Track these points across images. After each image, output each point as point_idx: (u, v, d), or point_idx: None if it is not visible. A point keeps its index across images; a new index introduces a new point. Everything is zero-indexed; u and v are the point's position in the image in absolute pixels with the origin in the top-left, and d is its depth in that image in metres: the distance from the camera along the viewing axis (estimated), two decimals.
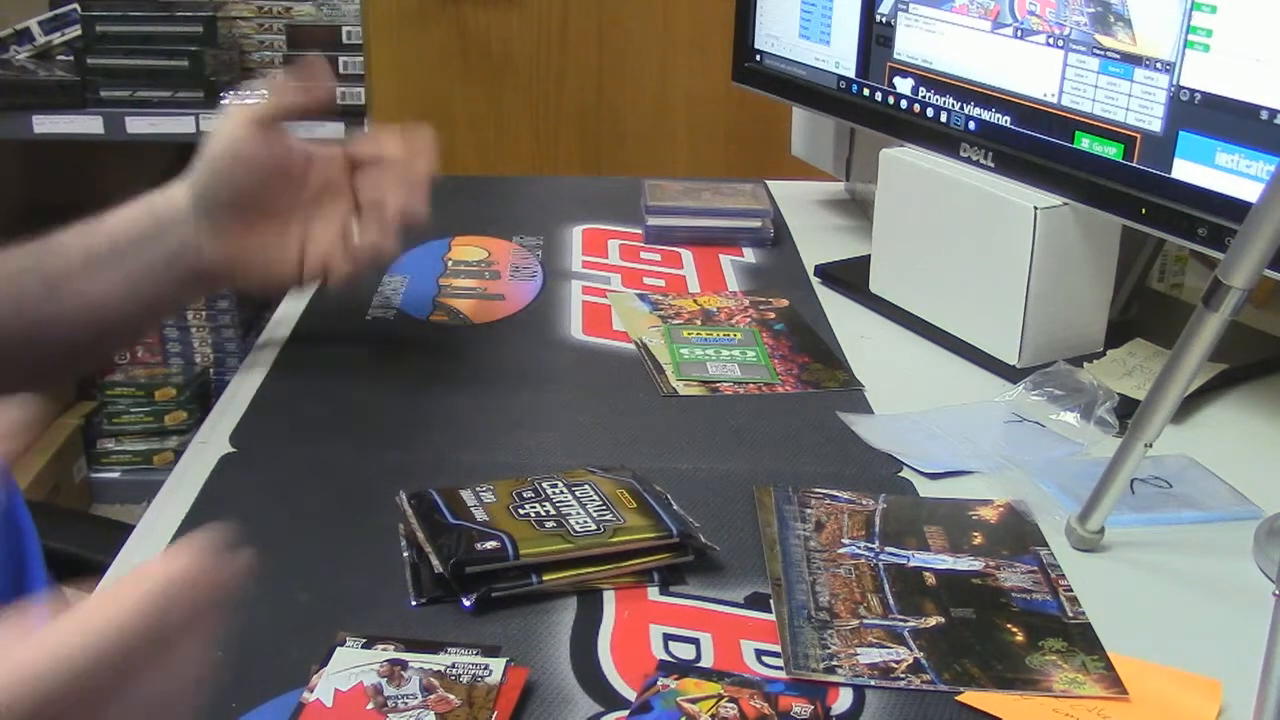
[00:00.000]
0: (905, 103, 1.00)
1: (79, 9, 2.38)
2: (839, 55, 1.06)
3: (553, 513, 0.66)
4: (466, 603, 0.61)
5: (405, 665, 0.56)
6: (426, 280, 1.04)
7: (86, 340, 0.79)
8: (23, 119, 2.31)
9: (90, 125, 2.34)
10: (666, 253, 1.13)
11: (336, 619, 0.61)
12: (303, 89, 0.79)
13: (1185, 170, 0.79)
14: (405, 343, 0.94)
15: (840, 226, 1.23)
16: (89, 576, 0.67)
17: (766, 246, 1.15)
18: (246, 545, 0.41)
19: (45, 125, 2.32)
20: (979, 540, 0.69)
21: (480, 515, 0.65)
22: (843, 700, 0.56)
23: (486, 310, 1.00)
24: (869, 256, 1.03)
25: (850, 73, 1.05)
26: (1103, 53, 0.83)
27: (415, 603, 0.62)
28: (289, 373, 0.89)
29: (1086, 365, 0.88)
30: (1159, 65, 0.80)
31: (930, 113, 0.98)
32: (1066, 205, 0.87)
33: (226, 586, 0.43)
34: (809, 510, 0.71)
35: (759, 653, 0.59)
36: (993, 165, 0.92)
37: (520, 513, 0.66)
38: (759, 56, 1.17)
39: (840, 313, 1.01)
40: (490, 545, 0.62)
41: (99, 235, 0.78)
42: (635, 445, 0.79)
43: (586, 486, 0.68)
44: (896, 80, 1.01)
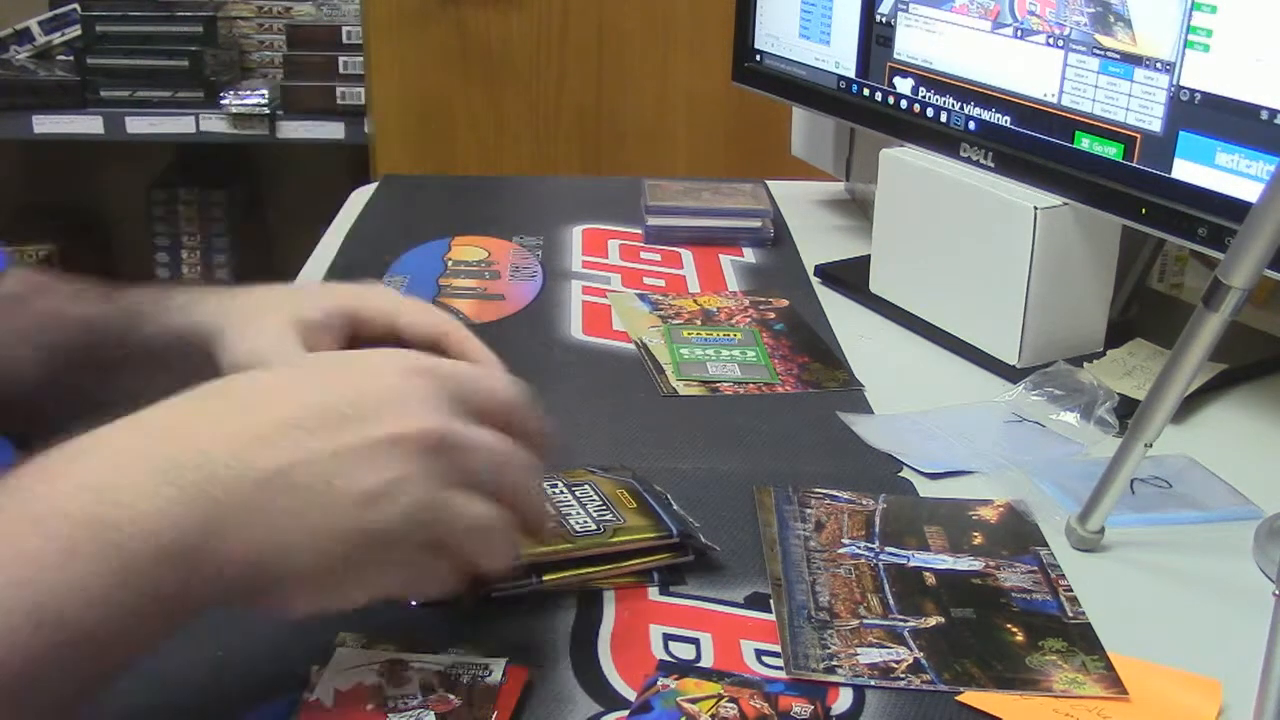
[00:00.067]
0: (905, 103, 1.00)
1: (79, 9, 2.38)
2: (839, 55, 1.06)
3: (552, 513, 0.66)
4: (467, 603, 0.61)
5: (405, 665, 0.56)
6: (426, 280, 1.04)
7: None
8: (23, 119, 2.31)
9: (90, 125, 2.34)
10: (666, 253, 1.13)
11: (336, 619, 0.60)
12: None
13: (1185, 170, 0.79)
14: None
15: (840, 226, 1.23)
16: None
17: (766, 246, 1.15)
18: None
19: (45, 125, 2.33)
20: (979, 540, 0.69)
21: None
22: (843, 700, 0.56)
23: (486, 310, 1.00)
24: (869, 256, 1.03)
25: (850, 73, 1.05)
26: (1103, 53, 0.83)
27: (415, 603, 0.62)
28: None
29: (1086, 365, 0.88)
30: (1159, 65, 0.80)
31: (930, 113, 0.98)
32: (1066, 205, 0.87)
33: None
34: (809, 510, 0.71)
35: (759, 653, 0.59)
36: (993, 165, 0.92)
37: None
38: (759, 56, 1.17)
39: (840, 313, 1.01)
40: None
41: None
42: (635, 445, 0.79)
43: (586, 486, 0.68)
44: (896, 80, 1.01)
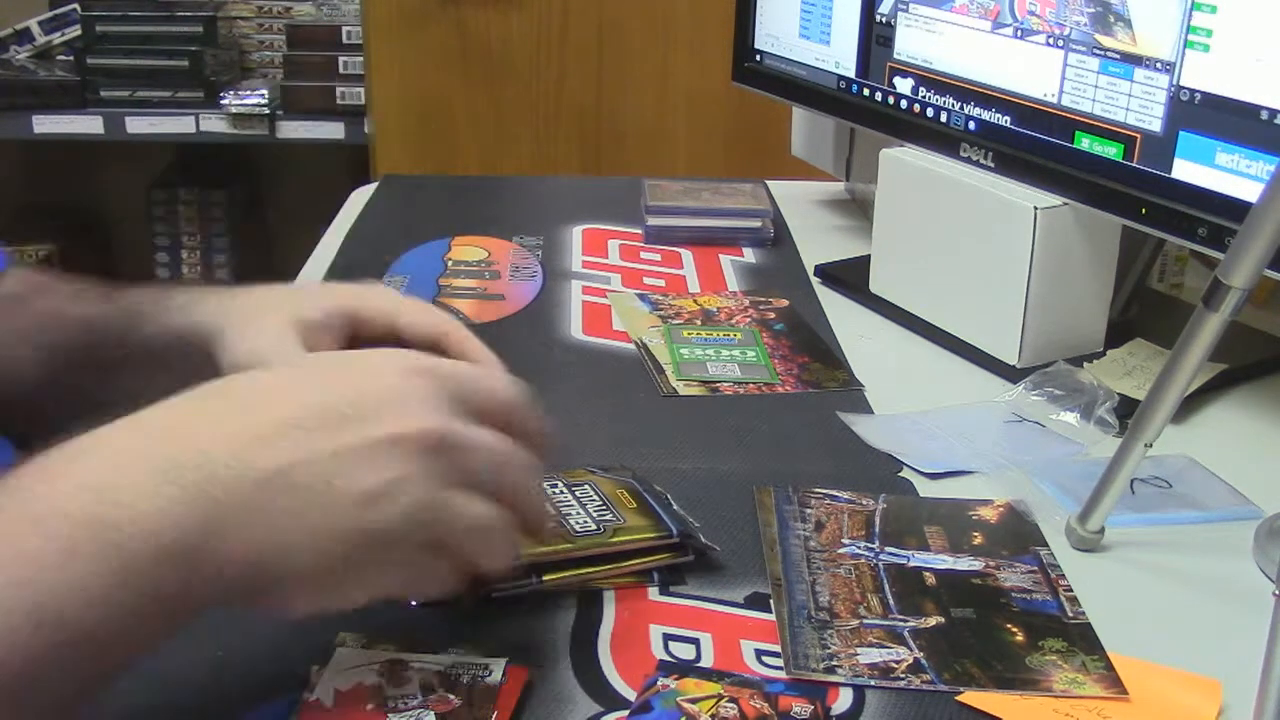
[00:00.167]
0: (905, 103, 1.00)
1: (79, 9, 2.38)
2: (839, 55, 1.06)
3: (552, 513, 0.66)
4: (467, 603, 0.61)
5: (405, 665, 0.56)
6: (426, 280, 1.04)
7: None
8: (23, 119, 2.31)
9: (90, 125, 2.34)
10: (666, 253, 1.13)
11: (336, 619, 0.60)
12: None
13: (1185, 170, 0.79)
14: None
15: (840, 226, 1.23)
16: None
17: (766, 246, 1.15)
18: None
19: (45, 125, 2.32)
20: (979, 540, 0.69)
21: None
22: (843, 700, 0.56)
23: (486, 310, 1.00)
24: (869, 256, 1.03)
25: (850, 73, 1.05)
26: (1103, 53, 0.83)
27: (415, 603, 0.62)
28: None
29: (1086, 365, 0.88)
30: (1159, 65, 0.80)
31: (930, 113, 0.98)
32: (1066, 205, 0.87)
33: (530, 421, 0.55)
34: (809, 510, 0.71)
35: (759, 653, 0.59)
36: (993, 165, 0.92)
37: None
38: (759, 56, 1.17)
39: (840, 313, 1.01)
40: None
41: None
42: (635, 445, 0.79)
43: (586, 486, 0.68)
44: (896, 80, 1.01)
